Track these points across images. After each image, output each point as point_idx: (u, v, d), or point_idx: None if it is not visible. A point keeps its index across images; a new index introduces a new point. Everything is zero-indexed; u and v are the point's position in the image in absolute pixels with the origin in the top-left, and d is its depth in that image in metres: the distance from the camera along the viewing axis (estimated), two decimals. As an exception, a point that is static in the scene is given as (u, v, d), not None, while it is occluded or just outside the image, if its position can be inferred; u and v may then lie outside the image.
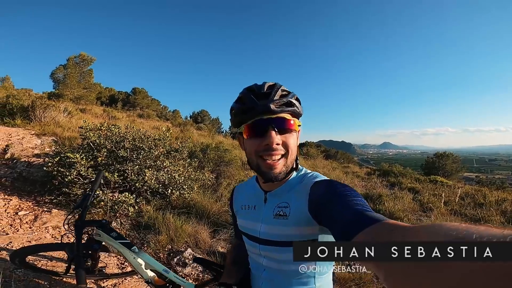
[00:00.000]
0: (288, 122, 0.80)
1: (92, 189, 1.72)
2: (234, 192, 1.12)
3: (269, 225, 0.87)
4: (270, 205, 0.89)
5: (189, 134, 10.90)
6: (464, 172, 21.51)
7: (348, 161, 23.72)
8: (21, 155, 5.43)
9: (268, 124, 0.77)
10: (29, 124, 7.40)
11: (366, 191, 7.24)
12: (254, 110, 0.79)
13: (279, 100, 0.79)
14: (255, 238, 0.91)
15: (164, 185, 3.91)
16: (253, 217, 0.94)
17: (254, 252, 0.95)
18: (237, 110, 0.84)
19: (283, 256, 0.84)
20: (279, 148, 0.79)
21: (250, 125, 0.80)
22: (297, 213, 0.80)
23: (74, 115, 9.49)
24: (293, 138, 0.82)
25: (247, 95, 0.81)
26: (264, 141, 0.77)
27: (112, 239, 1.69)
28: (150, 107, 24.20)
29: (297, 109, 0.83)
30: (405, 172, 12.47)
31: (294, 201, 0.83)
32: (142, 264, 1.68)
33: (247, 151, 0.85)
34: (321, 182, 0.81)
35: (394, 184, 9.35)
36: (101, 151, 3.81)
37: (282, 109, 0.79)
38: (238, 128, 0.86)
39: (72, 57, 15.36)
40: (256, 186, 0.98)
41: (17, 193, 4.08)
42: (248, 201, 0.99)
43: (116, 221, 3.24)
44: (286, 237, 0.82)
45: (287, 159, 0.82)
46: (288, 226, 0.81)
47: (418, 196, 7.05)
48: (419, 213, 5.78)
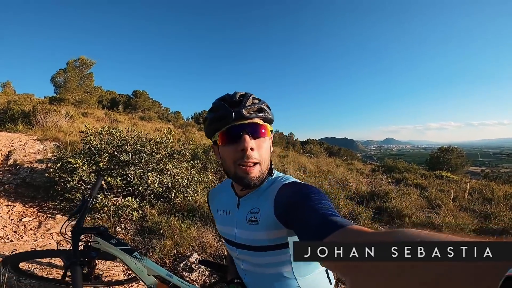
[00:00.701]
0: (261, 127, 0.82)
1: (91, 195, 1.68)
2: (209, 197, 1.14)
3: (242, 230, 0.88)
4: (242, 210, 0.91)
5: (191, 135, 10.86)
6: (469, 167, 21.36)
7: (351, 158, 23.64)
8: (23, 161, 5.42)
9: (241, 129, 0.80)
10: (31, 129, 7.40)
11: (372, 188, 7.14)
12: (227, 117, 0.80)
13: (251, 106, 0.82)
14: (232, 242, 0.94)
15: (168, 188, 3.86)
16: (228, 222, 0.95)
17: (234, 256, 0.98)
18: (211, 119, 0.85)
19: (260, 260, 0.86)
20: (253, 154, 0.80)
21: (224, 132, 0.82)
22: (266, 217, 0.81)
23: (76, 119, 9.48)
24: (266, 143, 0.85)
25: (219, 104, 0.84)
26: (239, 146, 0.79)
27: (112, 246, 1.65)
28: (151, 109, 24.23)
29: (268, 115, 0.85)
30: (410, 168, 12.37)
31: (263, 206, 0.84)
32: (144, 270, 1.65)
33: (223, 158, 0.86)
34: (287, 185, 0.83)
35: (399, 180, 9.23)
36: (103, 155, 3.77)
37: (254, 115, 0.81)
38: (213, 137, 0.88)
39: (72, 61, 15.35)
40: (230, 190, 0.99)
41: (20, 199, 4.06)
42: (223, 206, 1.01)
43: (120, 226, 3.19)
44: (258, 241, 0.83)
45: (262, 165, 0.83)
46: (258, 231, 0.83)
47: (424, 192, 6.94)
48: (427, 209, 5.68)
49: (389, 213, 5.23)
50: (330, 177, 8.10)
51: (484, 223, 4.75)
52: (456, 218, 4.62)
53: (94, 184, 1.73)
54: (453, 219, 4.53)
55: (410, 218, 4.87)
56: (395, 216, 5.06)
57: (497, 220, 4.75)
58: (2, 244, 2.75)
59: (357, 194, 6.31)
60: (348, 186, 7.20)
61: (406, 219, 4.86)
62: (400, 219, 4.95)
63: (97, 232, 1.68)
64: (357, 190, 6.75)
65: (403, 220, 4.85)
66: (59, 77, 14.81)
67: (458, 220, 4.51)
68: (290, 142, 25.80)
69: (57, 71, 15.00)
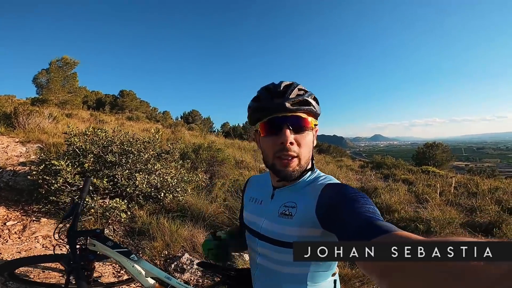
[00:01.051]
0: (304, 121, 0.80)
1: (81, 197, 1.64)
2: (247, 182, 1.11)
3: (271, 222, 0.85)
4: (276, 202, 0.88)
5: (181, 134, 10.73)
6: (454, 161, 21.98)
7: (340, 154, 23.91)
8: (6, 164, 5.22)
9: (283, 122, 0.78)
10: (13, 131, 7.13)
11: (362, 184, 7.24)
12: (269, 108, 0.80)
13: (295, 98, 0.79)
14: (255, 233, 0.91)
15: (157, 189, 3.78)
16: (258, 211, 0.93)
17: (252, 248, 0.94)
18: (254, 108, 0.85)
19: (279, 256, 0.83)
20: (292, 148, 0.78)
21: (266, 123, 0.81)
22: (304, 214, 0.79)
23: (59, 121, 9.20)
24: (308, 137, 0.82)
25: (263, 94, 0.83)
26: (279, 139, 0.77)
27: (108, 249, 1.62)
28: (139, 109, 23.79)
29: (314, 108, 0.82)
30: (398, 164, 12.62)
31: (302, 201, 0.81)
32: (142, 272, 1.62)
33: (263, 149, 0.86)
34: (333, 185, 0.80)
35: (387, 176, 9.42)
36: (88, 156, 3.66)
37: (297, 108, 0.79)
38: (255, 126, 0.87)
39: (55, 61, 14.84)
40: (268, 180, 0.97)
41: (4, 203, 3.92)
42: (257, 194, 0.98)
43: (108, 228, 3.11)
44: (287, 237, 0.80)
45: (301, 159, 0.81)
46: (291, 226, 0.80)
47: (412, 187, 7.09)
48: (416, 204, 5.79)
49: (378, 208, 5.28)
50: (320, 174, 8.16)
51: (470, 217, 4.88)
52: (443, 213, 4.73)
53: (83, 186, 1.69)
54: (441, 214, 4.63)
55: (399, 213, 4.96)
56: (385, 211, 5.14)
57: (483, 213, 4.88)
58: (-15, 250, 2.64)
59: (347, 190, 6.37)
60: (338, 183, 7.27)
61: (395, 214, 4.94)
62: (390, 214, 5.02)
63: (93, 234, 1.64)
64: (347, 187, 6.81)
65: (392, 216, 4.92)
66: (41, 77, 14.30)
67: (445, 214, 4.62)
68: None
69: (39, 71, 14.46)
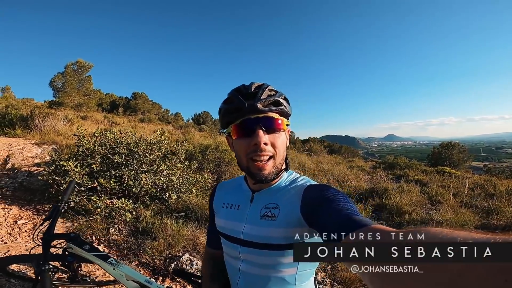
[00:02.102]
0: (276, 121, 0.80)
1: (62, 200, 1.64)
2: (216, 189, 1.06)
3: (254, 226, 0.84)
4: (256, 205, 0.86)
5: (191, 136, 10.84)
6: (471, 162, 21.19)
7: (352, 155, 23.52)
8: (21, 165, 5.43)
9: (255, 123, 0.77)
10: (29, 133, 7.41)
11: (372, 185, 7.08)
12: (241, 110, 0.78)
13: (266, 99, 0.78)
14: (236, 240, 0.87)
15: (163, 189, 3.83)
16: (236, 217, 0.89)
17: (232, 255, 0.91)
18: (225, 110, 0.83)
19: (264, 259, 0.81)
20: (267, 148, 0.78)
21: (238, 125, 0.80)
22: (288, 214, 0.78)
23: (74, 123, 9.48)
24: (281, 137, 0.82)
25: (234, 96, 0.81)
26: (252, 140, 0.77)
27: (84, 252, 1.63)
28: (151, 111, 24.24)
29: (285, 108, 0.82)
30: (411, 164, 12.28)
31: (285, 202, 0.81)
32: (123, 275, 1.62)
33: (237, 151, 0.84)
34: (315, 186, 0.81)
35: (400, 177, 9.17)
36: (95, 157, 3.74)
37: (269, 108, 0.79)
38: (226, 129, 0.86)
39: (70, 64, 15.32)
40: (243, 185, 0.95)
41: (17, 203, 4.07)
42: (232, 199, 0.95)
43: (114, 228, 3.17)
44: (272, 239, 0.79)
45: (276, 160, 0.81)
46: (275, 227, 0.79)
47: (425, 189, 6.87)
48: (428, 206, 5.61)
49: (388, 210, 5.17)
50: (330, 175, 8.05)
51: (486, 219, 4.67)
52: (457, 215, 4.56)
53: (66, 188, 1.70)
54: (454, 216, 4.46)
55: (410, 215, 4.82)
56: (395, 213, 5.00)
57: (499, 215, 4.66)
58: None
59: (356, 191, 6.26)
60: (348, 184, 7.15)
61: (406, 216, 4.80)
62: (400, 216, 4.89)
63: (68, 238, 1.65)
64: (356, 187, 6.69)
65: (402, 217, 4.79)
66: (57, 80, 14.81)
67: (459, 216, 4.45)
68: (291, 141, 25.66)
69: (55, 75, 14.98)
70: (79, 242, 1.65)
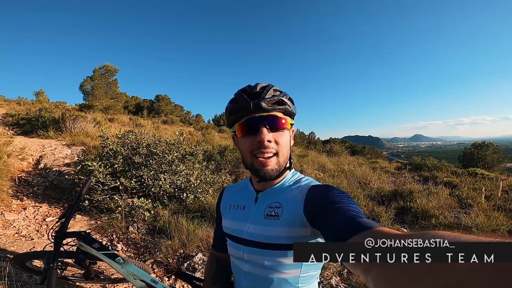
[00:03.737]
0: (280, 120, 0.82)
1: (78, 198, 1.71)
2: (223, 191, 1.10)
3: (258, 226, 0.85)
4: (260, 205, 0.88)
5: (210, 137, 11.00)
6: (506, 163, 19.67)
7: (376, 156, 22.78)
8: (53, 165, 5.76)
9: (259, 122, 0.80)
10: (60, 135, 7.86)
11: (395, 187, 6.77)
12: (246, 109, 0.81)
13: (271, 98, 0.81)
14: (240, 240, 0.89)
15: (181, 189, 3.90)
16: (242, 217, 0.91)
17: (237, 256, 0.92)
18: (231, 109, 0.86)
19: (268, 260, 0.81)
20: (270, 146, 0.80)
21: (243, 124, 0.83)
22: (291, 214, 0.79)
23: (102, 125, 9.95)
24: (285, 136, 0.84)
25: (240, 95, 0.84)
26: (256, 138, 0.79)
27: (94, 250, 1.68)
28: (173, 113, 24.92)
29: (289, 107, 0.84)
30: (440, 165, 11.64)
31: (288, 201, 0.82)
32: (131, 274, 1.66)
33: (241, 149, 0.87)
34: (319, 187, 0.82)
35: (427, 179, 8.71)
36: (117, 158, 3.89)
37: (273, 108, 0.81)
38: (232, 128, 0.88)
39: (98, 68, 16.13)
40: (248, 186, 0.98)
41: (47, 201, 4.32)
42: (238, 200, 0.97)
43: (133, 226, 3.27)
44: (275, 238, 0.80)
45: (279, 157, 0.83)
46: (278, 226, 0.80)
47: (455, 191, 6.46)
48: (457, 209, 5.27)
49: (413, 213, 4.92)
50: (351, 176, 7.81)
51: (522, 224, 4.31)
52: (489, 219, 4.24)
53: (82, 187, 1.77)
54: (485, 220, 4.16)
55: (437, 219, 4.55)
56: (420, 217, 4.75)
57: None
58: (23, 242, 2.92)
59: (379, 193, 6.02)
60: (370, 185, 6.89)
61: (432, 220, 4.53)
62: (426, 220, 4.63)
63: (79, 236, 1.71)
64: (379, 189, 6.43)
65: (428, 221, 4.53)
66: (87, 84, 15.66)
67: (491, 220, 4.14)
68: (311, 142, 25.39)
69: (85, 79, 15.84)
70: (89, 240, 1.71)
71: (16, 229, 3.23)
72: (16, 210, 3.73)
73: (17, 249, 2.75)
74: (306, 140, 25.73)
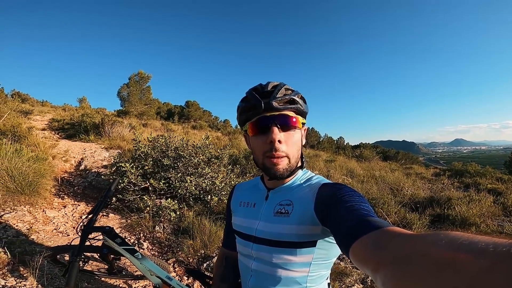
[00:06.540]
0: (291, 119, 0.81)
1: (107, 195, 1.81)
2: (234, 189, 1.10)
3: (267, 223, 0.85)
4: (271, 202, 0.88)
5: (237, 142, 11.16)
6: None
7: (411, 161, 21.53)
8: (92, 167, 6.22)
9: (271, 121, 0.80)
10: (100, 139, 8.47)
11: (432, 193, 6.33)
12: (257, 108, 0.81)
13: (282, 97, 0.80)
14: (249, 237, 0.89)
15: (206, 191, 4.01)
16: (251, 214, 0.91)
17: (245, 253, 0.92)
18: (242, 108, 0.87)
19: (276, 258, 0.81)
20: (281, 148, 0.80)
21: (254, 123, 0.83)
22: (301, 211, 0.79)
23: (137, 130, 10.57)
24: (296, 135, 0.84)
25: (251, 94, 0.84)
26: (267, 138, 0.79)
27: (116, 245, 1.76)
28: (202, 119, 25.66)
29: (301, 107, 0.84)
30: (484, 172, 10.68)
31: (299, 199, 0.82)
32: (148, 270, 1.72)
33: (252, 149, 0.87)
34: (330, 185, 0.81)
35: (469, 186, 8.05)
36: (148, 160, 4.10)
37: (285, 107, 0.80)
38: (243, 126, 0.89)
39: (133, 76, 17.23)
40: (259, 183, 0.98)
41: (85, 200, 4.64)
42: (248, 198, 0.97)
43: (159, 226, 3.41)
44: (285, 236, 0.79)
45: (290, 158, 0.82)
46: (288, 224, 0.79)
47: (500, 198, 5.90)
48: (501, 217, 4.80)
49: (451, 221, 4.57)
50: (382, 182, 7.44)
51: None
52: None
53: (111, 185, 1.87)
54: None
55: (477, 227, 4.18)
56: (459, 225, 4.39)
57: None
58: (59, 238, 3.16)
59: (412, 200, 5.67)
60: (402, 192, 6.52)
61: (472, 228, 4.18)
62: (465, 228, 4.27)
63: (103, 231, 1.79)
64: (412, 196, 6.06)
65: (468, 230, 4.17)
66: (123, 91, 16.76)
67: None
68: (340, 147, 24.70)
69: (122, 86, 17.01)
70: (113, 235, 1.79)
71: (55, 225, 3.47)
72: (57, 208, 4.04)
73: (53, 244, 2.95)
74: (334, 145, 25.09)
